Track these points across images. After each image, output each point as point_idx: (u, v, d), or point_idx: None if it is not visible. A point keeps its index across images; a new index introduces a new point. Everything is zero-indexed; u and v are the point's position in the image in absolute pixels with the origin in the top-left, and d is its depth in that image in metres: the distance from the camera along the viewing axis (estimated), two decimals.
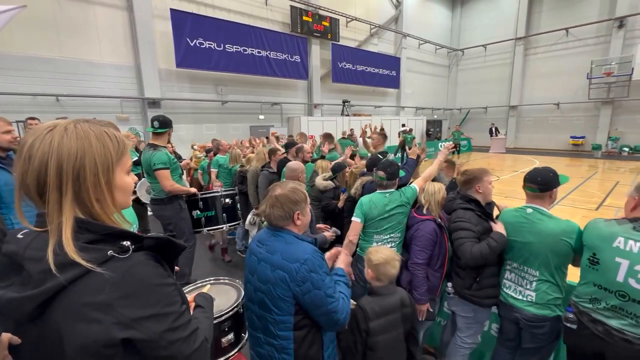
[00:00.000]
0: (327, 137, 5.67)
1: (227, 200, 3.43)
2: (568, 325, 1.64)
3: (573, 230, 1.74)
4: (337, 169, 3.41)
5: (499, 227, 1.94)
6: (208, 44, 10.16)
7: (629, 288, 1.43)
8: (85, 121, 0.72)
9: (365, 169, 3.13)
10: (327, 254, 1.58)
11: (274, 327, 1.38)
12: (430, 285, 2.15)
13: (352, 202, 2.76)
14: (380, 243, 2.31)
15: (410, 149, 3.20)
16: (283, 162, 4.10)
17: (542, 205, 1.86)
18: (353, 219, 2.35)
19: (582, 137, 16.97)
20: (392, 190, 2.37)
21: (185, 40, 9.62)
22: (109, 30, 8.67)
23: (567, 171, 11.54)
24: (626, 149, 15.19)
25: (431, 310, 2.19)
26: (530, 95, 18.82)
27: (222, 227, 3.39)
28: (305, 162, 3.94)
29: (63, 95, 8.05)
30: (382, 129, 6.17)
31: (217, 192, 3.45)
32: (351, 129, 12.27)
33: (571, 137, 17.33)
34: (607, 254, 1.50)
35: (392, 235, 2.33)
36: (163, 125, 3.14)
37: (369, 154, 4.44)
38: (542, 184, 1.84)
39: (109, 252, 0.66)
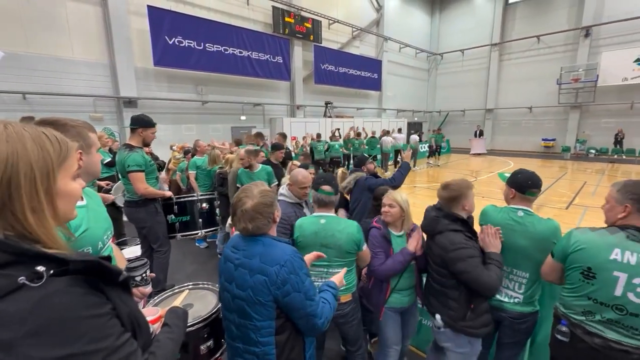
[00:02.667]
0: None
1: (204, 204, 3.29)
2: (560, 337, 1.54)
3: (557, 229, 1.83)
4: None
5: (492, 247, 1.81)
6: (188, 42, 9.93)
7: (627, 302, 1.36)
8: (19, 122, 0.64)
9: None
10: (307, 257, 1.56)
11: (255, 334, 1.34)
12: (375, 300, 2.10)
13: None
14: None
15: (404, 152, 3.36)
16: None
17: (529, 207, 1.91)
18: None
19: (553, 140, 17.83)
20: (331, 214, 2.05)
21: (164, 38, 9.36)
22: (81, 26, 8.31)
23: (540, 172, 11.94)
24: (592, 151, 16.07)
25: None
26: (505, 99, 19.61)
27: (197, 233, 3.25)
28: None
29: (30, 92, 7.63)
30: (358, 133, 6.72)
31: (194, 196, 3.32)
32: (337, 129, 12.38)
33: (543, 139, 18.17)
34: (604, 267, 1.40)
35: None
36: (133, 122, 3.02)
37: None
38: (540, 188, 1.90)
39: (19, 279, 0.54)
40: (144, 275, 1.40)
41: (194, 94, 10.76)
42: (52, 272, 0.58)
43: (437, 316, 1.87)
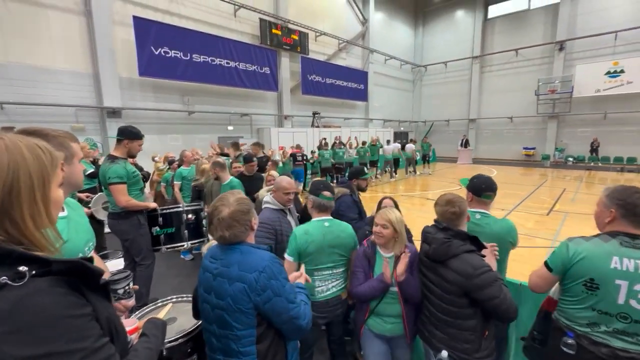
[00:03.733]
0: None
1: (190, 215, 3.17)
2: (566, 350, 1.51)
3: (512, 228, 1.94)
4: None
5: (493, 266, 1.71)
6: (174, 53, 9.89)
7: (630, 310, 1.36)
8: (11, 133, 0.67)
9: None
10: (292, 276, 1.56)
11: (236, 344, 1.32)
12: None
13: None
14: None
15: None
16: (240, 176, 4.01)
17: (487, 210, 2.02)
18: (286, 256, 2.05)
19: (533, 148, 18.46)
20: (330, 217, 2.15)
21: (149, 48, 9.29)
22: (64, 35, 8.17)
23: (522, 179, 12.43)
24: (571, 159, 16.71)
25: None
26: (487, 109, 20.27)
27: (183, 245, 3.11)
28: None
29: (8, 102, 7.40)
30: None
31: (179, 207, 3.20)
32: (324, 138, 12.50)
33: (524, 147, 18.80)
34: (606, 277, 1.39)
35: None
36: (119, 133, 2.97)
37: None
38: (494, 191, 1.99)
39: (1, 279, 0.57)
40: (126, 287, 1.37)
41: (181, 104, 10.66)
42: (34, 272, 0.60)
43: (444, 353, 1.63)
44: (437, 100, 22.44)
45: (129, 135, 2.98)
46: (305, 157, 10.29)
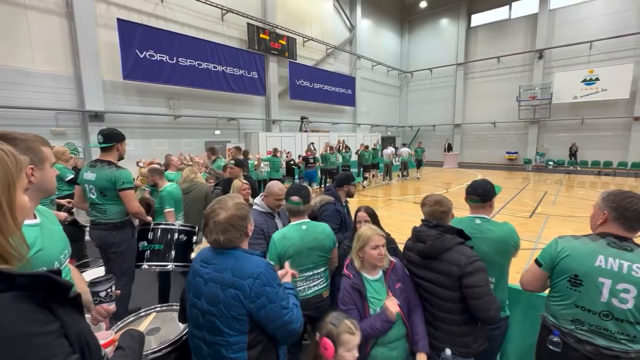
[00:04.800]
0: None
1: (182, 236, 2.91)
2: (552, 347, 1.54)
3: (513, 231, 1.93)
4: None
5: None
6: (160, 56, 9.74)
7: (612, 308, 1.39)
8: None
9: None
10: (280, 273, 1.56)
11: (227, 350, 1.29)
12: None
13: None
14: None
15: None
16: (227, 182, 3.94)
17: (486, 214, 2.02)
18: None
19: (516, 153, 19.00)
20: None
21: (134, 51, 9.13)
22: (45, 37, 7.94)
23: (504, 183, 12.75)
24: (551, 163, 17.26)
25: None
26: (471, 115, 20.78)
27: (167, 266, 2.83)
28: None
29: None
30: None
31: (174, 225, 2.98)
32: (311, 143, 12.57)
33: (507, 152, 19.33)
34: (590, 274, 1.43)
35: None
36: (108, 139, 2.84)
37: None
38: (482, 195, 2.00)
39: None
40: (108, 290, 1.34)
41: (166, 108, 10.50)
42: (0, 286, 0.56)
43: (447, 351, 1.65)
44: (423, 106, 22.85)
45: (119, 137, 2.91)
46: (312, 161, 10.71)
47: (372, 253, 1.69)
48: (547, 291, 1.69)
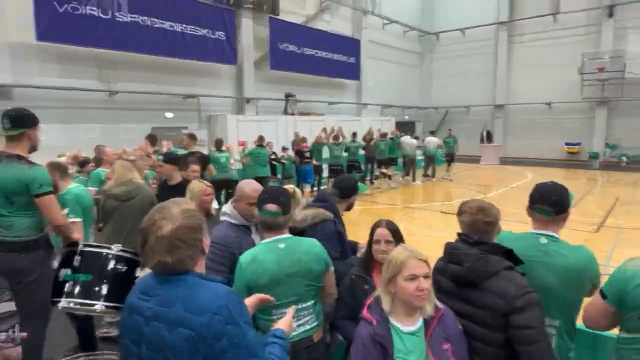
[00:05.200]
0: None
1: (119, 265, 2.74)
2: None
3: (592, 259, 1.89)
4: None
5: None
6: (89, 9, 9.70)
7: None
8: None
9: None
10: (247, 300, 1.54)
11: None
12: None
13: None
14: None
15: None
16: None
17: (556, 232, 1.97)
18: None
19: (578, 144, 19.30)
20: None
21: (52, 3, 9.05)
22: None
23: (566, 186, 12.90)
24: (625, 158, 17.52)
25: None
26: (517, 93, 21.01)
27: (94, 306, 2.60)
28: None
29: None
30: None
31: (110, 248, 2.79)
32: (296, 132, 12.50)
33: (566, 143, 19.61)
34: None
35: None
36: (17, 123, 2.78)
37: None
38: (556, 205, 1.96)
39: None
40: (9, 332, 1.32)
41: (97, 82, 10.45)
42: None
43: None
44: (452, 80, 23.00)
45: (32, 121, 2.86)
46: (309, 154, 10.91)
47: (406, 287, 1.56)
48: (615, 330, 1.70)
